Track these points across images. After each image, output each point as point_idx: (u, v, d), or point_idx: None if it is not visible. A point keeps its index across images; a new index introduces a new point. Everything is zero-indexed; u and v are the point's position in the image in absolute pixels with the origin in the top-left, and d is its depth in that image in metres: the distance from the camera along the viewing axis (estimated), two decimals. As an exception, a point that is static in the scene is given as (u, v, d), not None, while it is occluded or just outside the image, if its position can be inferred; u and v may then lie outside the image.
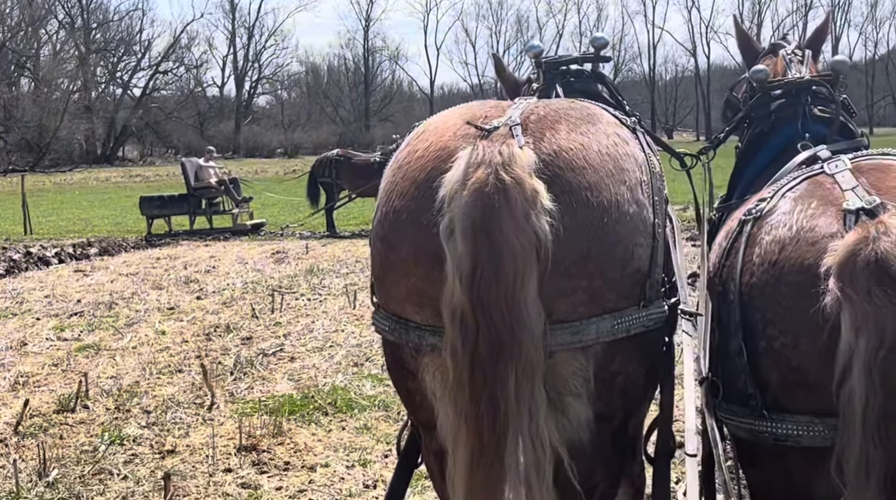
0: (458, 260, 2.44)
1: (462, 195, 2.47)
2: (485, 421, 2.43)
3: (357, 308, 10.68)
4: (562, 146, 2.66)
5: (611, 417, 2.77)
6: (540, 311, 2.46)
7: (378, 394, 7.12)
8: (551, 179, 2.56)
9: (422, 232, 2.62)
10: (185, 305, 11.47)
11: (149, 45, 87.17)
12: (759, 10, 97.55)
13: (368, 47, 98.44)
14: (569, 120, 2.79)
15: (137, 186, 41.35)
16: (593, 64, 4.12)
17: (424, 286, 2.65)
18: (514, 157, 2.51)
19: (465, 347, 2.45)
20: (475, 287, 2.42)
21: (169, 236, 20.58)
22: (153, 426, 6.51)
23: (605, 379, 2.69)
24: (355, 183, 21.08)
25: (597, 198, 2.59)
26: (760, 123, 3.93)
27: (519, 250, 2.42)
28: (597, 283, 2.60)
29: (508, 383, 2.42)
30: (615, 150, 2.74)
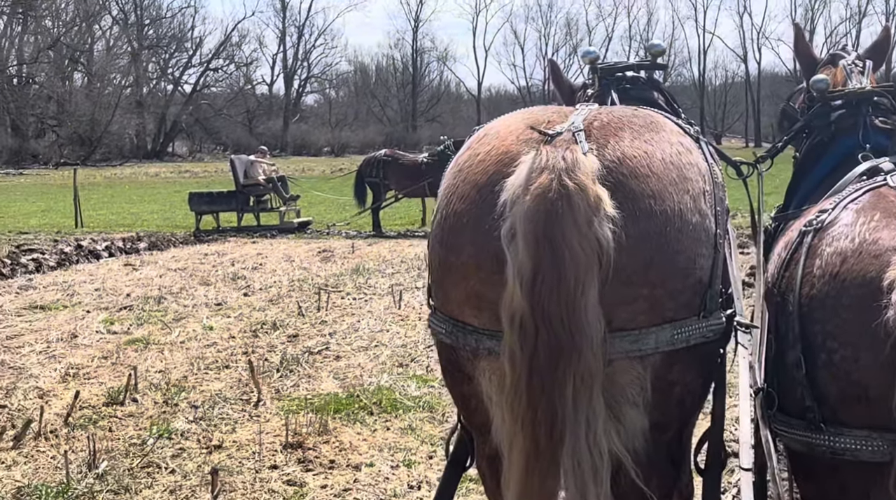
0: (519, 265, 2.44)
1: (524, 200, 2.47)
2: (542, 427, 2.43)
3: (402, 308, 10.72)
4: (626, 153, 2.65)
5: (667, 427, 2.76)
6: (600, 318, 2.45)
7: (423, 395, 7.13)
8: (615, 186, 2.55)
9: (482, 236, 2.62)
10: (232, 301, 11.57)
11: (200, 43, 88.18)
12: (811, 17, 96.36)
13: (417, 48, 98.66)
14: (632, 127, 2.78)
15: (186, 182, 41.73)
16: (649, 71, 4.10)
17: (484, 290, 2.65)
18: (577, 163, 2.50)
19: (524, 352, 2.44)
20: (536, 292, 2.42)
21: (217, 233, 20.79)
22: (200, 421, 6.57)
23: (663, 389, 2.68)
24: (402, 183, 21.17)
25: (660, 207, 2.58)
26: (820, 133, 3.88)
27: (581, 256, 2.42)
28: (658, 292, 2.59)
29: (567, 389, 2.42)
30: (679, 159, 2.73)
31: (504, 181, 2.59)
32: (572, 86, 4.53)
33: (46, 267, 14.68)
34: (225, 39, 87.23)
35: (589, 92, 4.04)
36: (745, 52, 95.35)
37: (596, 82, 4.02)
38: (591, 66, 4.09)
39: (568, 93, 4.49)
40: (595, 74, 4.04)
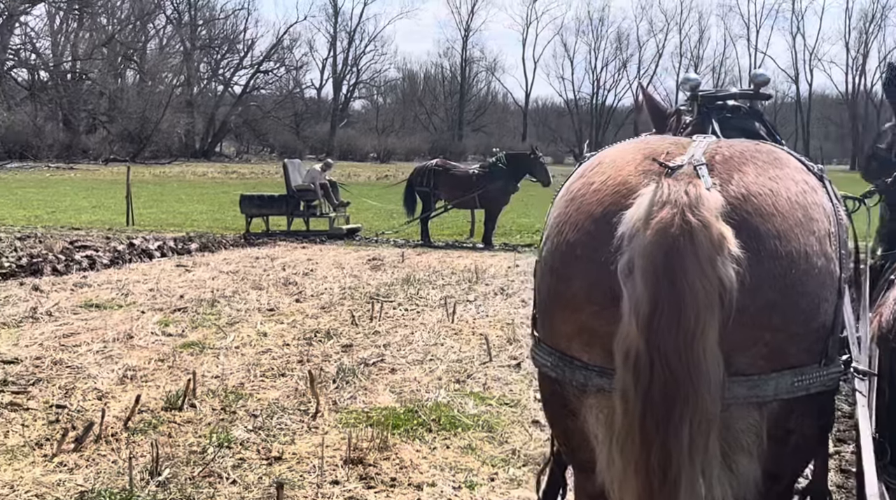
0: (636, 301, 2.36)
1: (645, 234, 2.39)
2: (656, 471, 2.34)
3: (455, 322, 10.64)
4: (750, 190, 2.56)
5: (779, 477, 2.66)
6: (719, 360, 2.36)
7: (481, 413, 7.06)
8: (739, 224, 2.46)
9: (597, 268, 2.55)
10: (284, 307, 11.57)
11: (252, 45, 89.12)
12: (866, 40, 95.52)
13: (466, 57, 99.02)
14: (756, 163, 2.69)
15: (234, 183, 42.05)
16: (752, 101, 4.00)
17: (595, 324, 2.57)
18: (701, 198, 2.42)
19: (638, 391, 2.36)
20: (653, 329, 2.34)
21: (266, 236, 20.85)
22: (259, 431, 6.53)
23: (779, 437, 2.58)
24: (453, 194, 21.13)
25: (785, 247, 2.49)
26: None
27: (702, 295, 2.33)
28: (780, 336, 2.50)
29: (682, 432, 2.33)
30: (804, 198, 2.63)
31: (621, 213, 2.51)
32: (664, 110, 4.43)
33: (100, 265, 14.79)
34: (276, 42, 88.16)
35: (687, 119, 3.95)
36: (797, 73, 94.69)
37: (695, 110, 3.93)
38: (691, 94, 4.00)
39: (659, 118, 4.39)
40: (695, 102, 3.95)
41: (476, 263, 15.75)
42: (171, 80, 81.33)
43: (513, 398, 7.40)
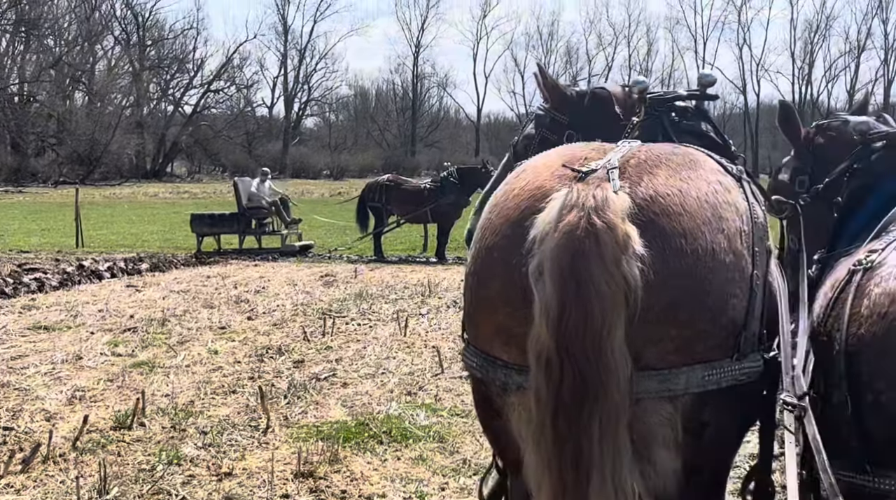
0: (545, 302, 2.43)
1: (553, 237, 2.47)
2: (568, 466, 2.41)
3: (408, 335, 10.67)
4: (658, 191, 2.63)
5: (699, 469, 2.72)
6: (626, 357, 2.44)
7: (432, 424, 7.09)
8: (645, 224, 2.53)
9: (511, 271, 2.61)
10: (236, 324, 11.53)
11: (201, 64, 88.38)
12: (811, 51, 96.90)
13: (417, 73, 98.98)
14: (669, 165, 2.76)
15: (185, 203, 41.73)
16: (699, 102, 4.09)
17: (512, 324, 2.64)
18: (607, 201, 2.49)
19: (550, 389, 2.43)
20: (562, 330, 2.41)
21: (218, 255, 20.74)
22: (209, 447, 6.51)
23: (695, 430, 2.65)
24: (405, 208, 21.20)
25: (691, 245, 2.56)
26: (864, 175, 3.87)
27: (607, 294, 2.41)
28: (686, 332, 2.56)
29: (592, 427, 2.40)
30: (715, 197, 2.70)
31: (535, 217, 2.58)
32: (566, 93, 4.49)
33: (49, 287, 14.62)
34: (226, 61, 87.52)
35: (634, 120, 4.03)
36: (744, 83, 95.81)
37: (643, 112, 4.01)
38: (639, 96, 4.08)
39: (560, 99, 4.44)
40: (643, 104, 4.03)
41: (429, 276, 15.79)
42: (121, 101, 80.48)
43: (464, 409, 7.44)
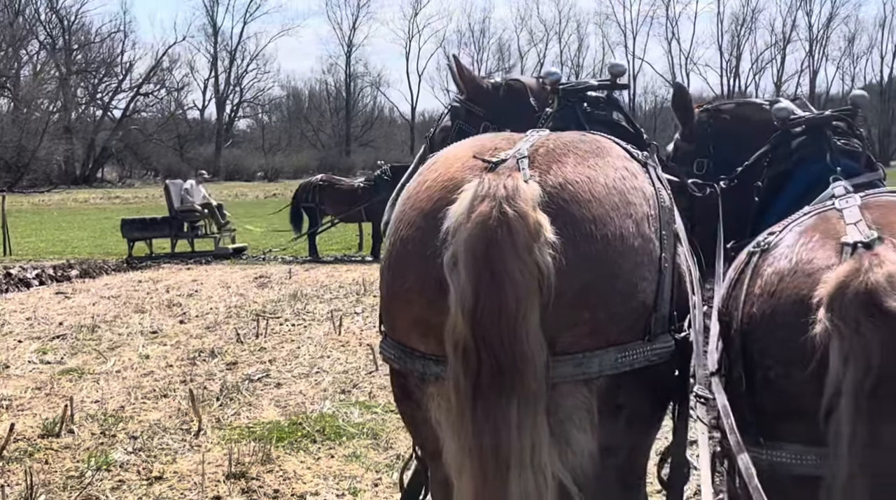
0: (460, 292, 2.45)
1: (466, 228, 2.48)
2: (488, 453, 2.43)
3: (342, 334, 10.65)
4: (567, 179, 2.67)
5: (615, 450, 2.75)
6: (542, 343, 2.46)
7: (366, 421, 7.08)
8: (555, 212, 2.56)
9: (426, 262, 2.63)
10: (168, 329, 11.40)
11: (130, 67, 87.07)
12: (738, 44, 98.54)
13: (350, 73, 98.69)
14: (577, 153, 2.80)
15: (117, 208, 41.17)
16: (610, 91, 4.13)
17: (428, 315, 2.65)
18: (518, 190, 2.52)
19: (467, 378, 2.45)
20: (477, 319, 2.43)
21: (150, 259, 20.48)
22: (140, 452, 6.44)
23: (610, 412, 2.68)
24: (338, 208, 21.14)
25: (601, 231, 2.60)
26: (784, 160, 3.94)
27: (521, 282, 2.43)
28: (599, 315, 2.60)
29: (510, 414, 2.42)
30: (622, 183, 2.74)
31: (447, 208, 2.60)
32: (482, 84, 4.54)
33: (-25, 296, 14.33)
34: (155, 64, 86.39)
35: (548, 110, 4.07)
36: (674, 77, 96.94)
37: (556, 103, 4.05)
38: (552, 87, 4.11)
39: (475, 90, 4.49)
40: (556, 96, 4.06)
41: (364, 275, 15.75)
42: (48, 106, 78.97)
43: (398, 405, 7.42)
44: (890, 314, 2.29)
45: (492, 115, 4.42)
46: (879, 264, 2.38)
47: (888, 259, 2.39)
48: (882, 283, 2.33)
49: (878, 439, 2.28)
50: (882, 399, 2.27)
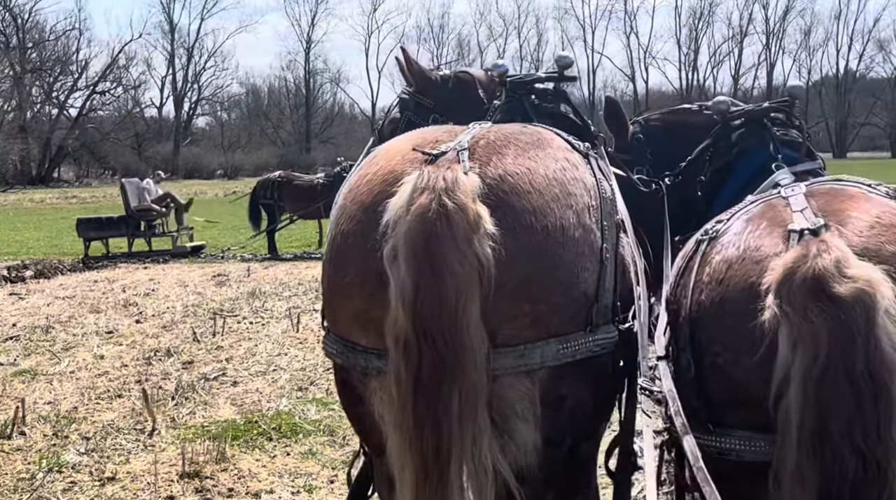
0: (400, 285, 2.44)
1: (405, 220, 2.48)
2: (429, 445, 2.42)
3: (300, 332, 10.60)
4: (507, 171, 2.66)
5: (559, 441, 2.75)
6: (483, 335, 2.46)
7: (323, 418, 7.05)
8: (495, 203, 2.56)
9: (366, 256, 2.62)
10: (124, 328, 11.28)
11: (86, 66, 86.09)
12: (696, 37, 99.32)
13: (309, 69, 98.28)
14: (518, 144, 2.80)
15: (73, 208, 40.69)
16: (557, 84, 4.13)
17: (369, 309, 2.64)
18: (457, 182, 2.51)
19: (409, 371, 2.44)
20: (417, 312, 2.42)
21: (107, 259, 20.24)
22: (92, 453, 6.36)
23: (553, 403, 2.68)
24: (297, 205, 21.04)
25: (541, 222, 2.60)
26: (725, 153, 3.97)
27: (461, 274, 2.42)
28: (540, 307, 2.60)
29: (451, 407, 2.42)
30: (563, 174, 2.75)
31: (388, 201, 2.59)
32: (431, 77, 4.54)
33: (-74, 298, 14.09)
34: (111, 62, 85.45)
35: (496, 103, 4.06)
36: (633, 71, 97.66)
37: (504, 95, 4.04)
38: (499, 80, 4.11)
39: (424, 83, 4.49)
40: (504, 88, 4.06)
41: (323, 272, 15.65)
42: (2, 105, 77.96)
43: (355, 401, 7.39)
44: (837, 300, 2.31)
45: (441, 107, 4.41)
46: (827, 250, 2.40)
47: (835, 245, 2.41)
48: (830, 269, 2.35)
49: (826, 425, 2.29)
50: (830, 385, 2.29)
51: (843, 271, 2.35)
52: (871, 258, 2.44)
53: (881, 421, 2.27)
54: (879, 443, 2.27)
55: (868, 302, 2.30)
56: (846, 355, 2.29)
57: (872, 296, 2.30)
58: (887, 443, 2.27)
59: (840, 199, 2.79)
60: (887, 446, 2.27)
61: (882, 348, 2.29)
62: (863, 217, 2.64)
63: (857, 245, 2.50)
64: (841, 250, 2.41)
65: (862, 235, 2.56)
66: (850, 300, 2.30)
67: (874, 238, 2.55)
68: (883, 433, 2.27)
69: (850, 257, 2.40)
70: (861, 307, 2.30)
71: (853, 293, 2.31)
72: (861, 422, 2.27)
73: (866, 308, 2.30)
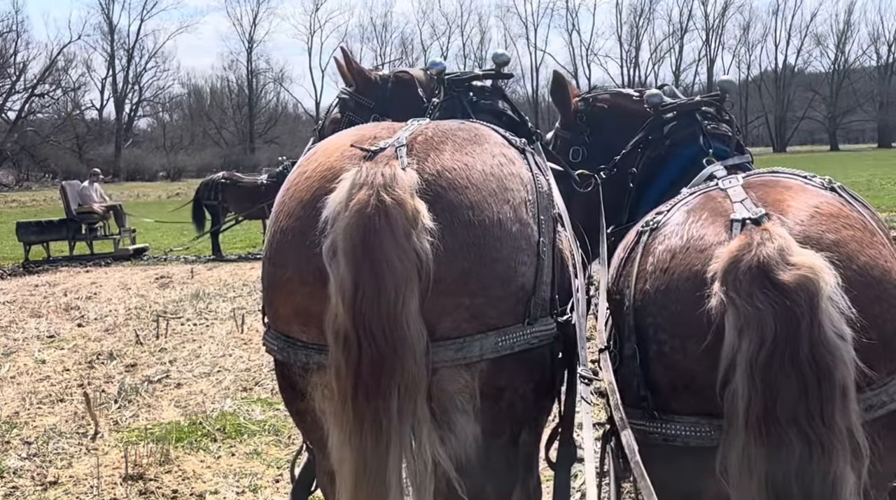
0: (340, 280, 2.46)
1: (344, 216, 2.50)
2: (368, 439, 2.45)
3: (245, 332, 10.55)
4: (445, 166, 2.70)
5: (499, 432, 2.79)
6: (422, 329, 2.49)
7: (268, 419, 7.04)
8: (433, 198, 2.59)
9: (306, 252, 2.64)
10: (65, 332, 11.16)
11: (24, 68, 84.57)
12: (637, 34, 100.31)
13: (252, 69, 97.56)
14: (455, 140, 2.83)
15: (13, 212, 40.03)
16: (495, 81, 4.18)
17: (309, 305, 2.66)
18: (395, 178, 2.54)
19: (349, 366, 2.47)
20: (357, 307, 2.44)
21: (48, 263, 19.95)
22: (34, 458, 6.30)
23: (492, 395, 2.72)
24: (241, 206, 20.91)
25: (478, 217, 2.63)
26: (657, 146, 4.04)
27: (400, 269, 2.45)
28: (478, 300, 2.63)
29: (391, 400, 2.44)
30: (500, 170, 2.79)
31: (326, 198, 2.61)
32: (371, 77, 4.58)
33: None
34: (50, 64, 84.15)
35: (435, 100, 4.10)
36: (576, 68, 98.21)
37: (442, 93, 4.08)
38: (437, 78, 4.14)
39: (365, 83, 4.53)
40: (442, 86, 4.10)
41: (268, 272, 15.57)
42: (-62, 108, 76.59)
43: (300, 400, 7.39)
44: (782, 286, 2.36)
45: (381, 106, 4.45)
46: (770, 238, 2.46)
47: (778, 234, 2.48)
48: (774, 256, 2.41)
49: (772, 409, 2.34)
50: (776, 370, 2.34)
51: (786, 259, 2.41)
52: (813, 246, 2.50)
53: (825, 405, 2.32)
54: (824, 426, 2.31)
55: (812, 288, 2.35)
56: (791, 340, 2.33)
57: (816, 282, 2.36)
58: (831, 426, 2.32)
59: (777, 190, 2.86)
60: (832, 429, 2.32)
61: (825, 333, 2.34)
62: (802, 207, 2.71)
63: (798, 234, 2.56)
64: (784, 237, 2.47)
65: (803, 224, 2.62)
66: (795, 286, 2.36)
67: (814, 227, 2.62)
68: (827, 416, 2.32)
69: (792, 244, 2.46)
70: (805, 293, 2.35)
71: (797, 280, 2.37)
72: (806, 406, 2.32)
73: (810, 294, 2.35)
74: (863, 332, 2.41)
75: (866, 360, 2.40)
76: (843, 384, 2.34)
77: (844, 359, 2.35)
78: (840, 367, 2.34)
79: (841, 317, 2.37)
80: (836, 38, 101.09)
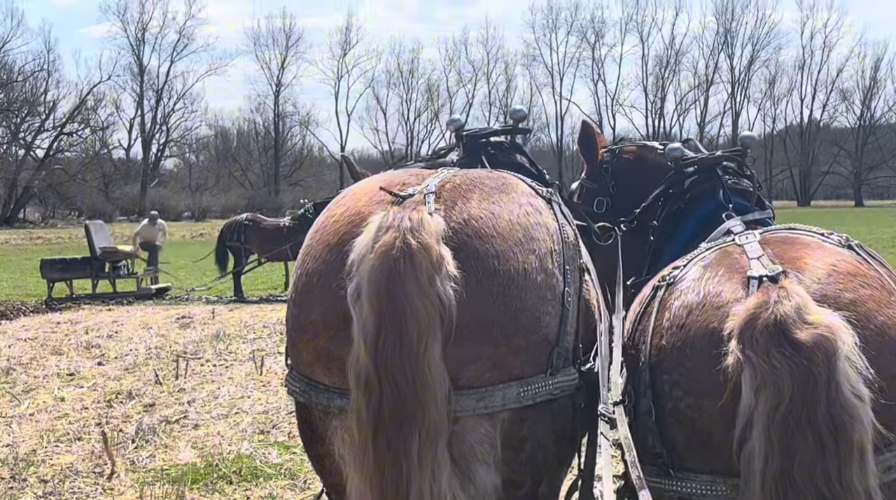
0: (363, 323, 2.48)
1: (369, 258, 2.52)
2: (389, 483, 2.44)
3: (264, 374, 10.55)
4: (472, 215, 2.71)
5: (520, 483, 2.78)
6: (444, 375, 2.49)
7: (284, 462, 7.02)
8: (459, 246, 2.61)
9: (331, 295, 2.66)
10: (85, 371, 11.18)
11: (53, 106, 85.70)
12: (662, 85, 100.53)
13: (279, 112, 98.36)
14: (483, 189, 2.85)
15: (38, 249, 40.36)
16: (512, 136, 4.21)
17: (332, 348, 2.67)
18: (422, 223, 2.56)
19: (370, 410, 2.47)
20: (379, 350, 2.45)
21: (70, 300, 20.06)
22: (50, 496, 6.31)
23: (513, 446, 2.71)
24: (264, 247, 21.03)
25: (503, 266, 2.64)
26: (678, 199, 4.05)
27: (422, 313, 2.46)
28: (502, 350, 2.63)
29: (412, 446, 2.44)
30: (526, 219, 2.80)
31: (353, 241, 2.63)
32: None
33: None
34: (80, 103, 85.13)
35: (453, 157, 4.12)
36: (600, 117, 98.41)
37: (461, 149, 4.11)
38: (455, 134, 4.17)
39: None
40: (460, 141, 4.13)
41: (288, 315, 15.59)
42: (-32, 146, 77.54)
43: (316, 445, 7.36)
44: (799, 345, 2.36)
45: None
46: (787, 296, 2.45)
47: (795, 292, 2.47)
48: (791, 315, 2.40)
49: (789, 469, 2.32)
50: (793, 429, 2.32)
51: (804, 317, 2.40)
52: (830, 305, 2.50)
53: (843, 465, 2.30)
54: (841, 487, 2.30)
55: (829, 347, 2.35)
56: (808, 399, 2.32)
57: (833, 341, 2.35)
58: (849, 487, 2.30)
59: (795, 247, 2.86)
60: (849, 490, 2.30)
61: (843, 393, 2.32)
62: (819, 265, 2.70)
63: (815, 292, 2.56)
64: (801, 296, 2.46)
65: (820, 283, 2.62)
66: (812, 346, 2.35)
67: (832, 285, 2.61)
68: (844, 477, 2.30)
69: (810, 303, 2.45)
70: (822, 352, 2.34)
71: (814, 339, 2.36)
72: (823, 466, 2.30)
73: (827, 353, 2.34)
74: (881, 392, 2.39)
75: (884, 421, 2.38)
76: (860, 445, 2.32)
77: (862, 419, 2.33)
78: (858, 428, 2.32)
79: (858, 377, 2.36)
80: (861, 94, 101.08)
